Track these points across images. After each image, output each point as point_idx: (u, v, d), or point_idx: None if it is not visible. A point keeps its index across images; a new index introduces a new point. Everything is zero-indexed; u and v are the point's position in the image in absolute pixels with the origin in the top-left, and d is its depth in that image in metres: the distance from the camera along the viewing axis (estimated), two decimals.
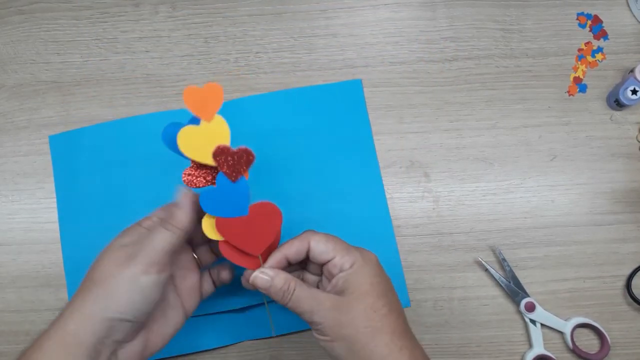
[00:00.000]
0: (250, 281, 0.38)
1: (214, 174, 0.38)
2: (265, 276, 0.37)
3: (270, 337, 0.52)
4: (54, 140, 0.55)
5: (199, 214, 0.38)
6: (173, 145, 0.36)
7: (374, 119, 0.56)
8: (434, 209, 0.55)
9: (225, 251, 0.39)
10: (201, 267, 0.43)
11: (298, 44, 0.58)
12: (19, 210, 0.54)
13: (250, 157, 0.37)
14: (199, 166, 0.37)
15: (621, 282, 0.54)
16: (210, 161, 0.36)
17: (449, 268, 0.54)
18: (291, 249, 0.38)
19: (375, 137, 0.56)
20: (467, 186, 0.55)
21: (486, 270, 0.53)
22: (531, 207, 0.55)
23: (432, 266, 0.53)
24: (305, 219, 0.53)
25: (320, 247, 0.38)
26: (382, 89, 0.57)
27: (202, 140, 0.36)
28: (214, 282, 0.44)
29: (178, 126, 0.36)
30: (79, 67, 0.57)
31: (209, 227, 0.38)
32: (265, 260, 0.39)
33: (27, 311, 0.52)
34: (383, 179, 0.55)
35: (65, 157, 0.55)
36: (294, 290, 0.36)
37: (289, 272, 0.39)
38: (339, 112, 0.56)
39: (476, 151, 0.56)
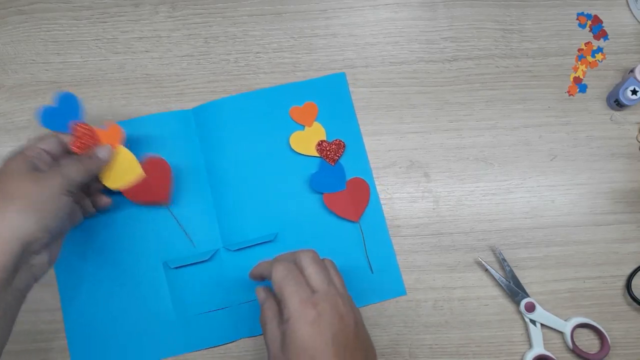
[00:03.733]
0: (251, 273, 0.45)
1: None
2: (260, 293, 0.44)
3: None
4: None
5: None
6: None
7: (374, 119, 0.56)
8: (434, 209, 0.55)
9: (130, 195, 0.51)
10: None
11: (298, 44, 0.58)
12: None
13: (335, 147, 0.54)
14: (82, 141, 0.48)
15: (621, 282, 0.54)
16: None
17: (449, 268, 0.54)
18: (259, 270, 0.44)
19: (375, 137, 0.56)
20: (467, 186, 0.55)
21: (486, 270, 0.53)
22: (531, 207, 0.55)
23: (432, 266, 0.53)
24: (295, 211, 0.54)
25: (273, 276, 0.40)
26: (382, 89, 0.57)
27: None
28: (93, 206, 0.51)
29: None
30: (79, 67, 0.57)
31: (109, 180, 0.49)
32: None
33: (27, 311, 0.52)
34: (383, 179, 0.55)
35: None
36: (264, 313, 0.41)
37: None
38: (325, 106, 0.56)
39: (476, 151, 0.56)
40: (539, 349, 0.51)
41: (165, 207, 0.53)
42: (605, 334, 0.51)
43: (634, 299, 0.52)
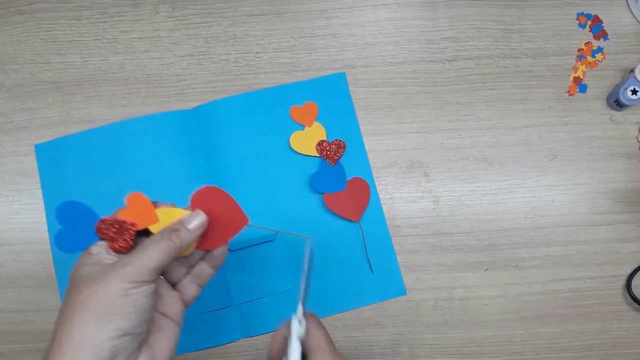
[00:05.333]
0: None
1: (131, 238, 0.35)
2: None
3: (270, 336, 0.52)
4: (39, 149, 0.55)
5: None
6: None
7: (374, 119, 0.56)
8: (434, 209, 0.55)
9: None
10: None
11: (298, 44, 0.58)
12: (19, 210, 0.54)
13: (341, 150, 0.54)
14: (120, 225, 0.35)
15: (621, 282, 0.54)
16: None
17: (449, 268, 0.54)
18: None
19: (375, 137, 0.56)
20: (467, 186, 0.55)
21: (486, 269, 0.53)
22: (531, 207, 0.55)
23: (432, 266, 0.53)
24: (295, 211, 0.54)
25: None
26: (382, 89, 0.57)
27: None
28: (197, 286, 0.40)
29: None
30: (79, 67, 0.57)
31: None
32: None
33: (27, 311, 0.52)
34: (383, 179, 0.55)
35: (52, 165, 0.54)
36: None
37: None
38: (325, 106, 0.56)
39: (476, 151, 0.56)
40: None
41: None
42: None
43: (634, 299, 0.52)
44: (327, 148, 0.54)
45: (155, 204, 0.36)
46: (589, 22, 0.59)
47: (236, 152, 0.54)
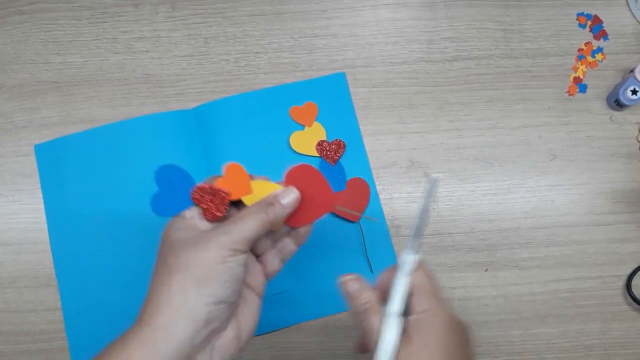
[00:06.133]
0: (339, 281, 0.37)
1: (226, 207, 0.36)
2: (354, 285, 0.36)
3: (271, 336, 0.52)
4: (39, 149, 0.55)
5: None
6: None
7: (374, 119, 0.56)
8: (434, 209, 0.55)
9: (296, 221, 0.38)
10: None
11: (298, 44, 0.58)
12: (19, 210, 0.54)
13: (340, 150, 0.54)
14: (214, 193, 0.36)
15: (621, 282, 0.54)
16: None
17: (449, 268, 0.54)
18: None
19: (375, 137, 0.56)
20: (467, 186, 0.55)
21: (486, 269, 0.53)
22: (531, 207, 0.55)
23: (432, 266, 0.53)
24: None
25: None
26: (382, 89, 0.57)
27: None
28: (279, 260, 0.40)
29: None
30: (79, 67, 0.57)
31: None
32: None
33: (27, 311, 0.52)
34: (383, 179, 0.55)
35: (52, 165, 0.54)
36: (369, 315, 0.34)
37: None
38: (325, 106, 0.56)
39: (476, 151, 0.56)
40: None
41: None
42: None
43: (634, 299, 0.52)
44: (327, 148, 0.54)
45: (250, 177, 0.37)
46: (589, 22, 0.59)
47: (236, 152, 0.54)
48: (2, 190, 0.54)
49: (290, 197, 0.36)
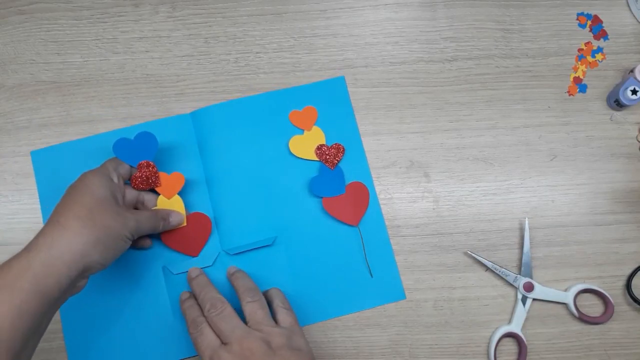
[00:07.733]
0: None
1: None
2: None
3: None
4: (36, 155, 0.55)
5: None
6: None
7: (374, 119, 0.56)
8: (434, 209, 0.55)
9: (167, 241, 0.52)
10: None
11: (298, 44, 0.58)
12: (19, 210, 0.54)
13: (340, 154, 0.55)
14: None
15: (621, 282, 0.54)
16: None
17: (449, 268, 0.54)
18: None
19: (375, 137, 0.56)
20: (467, 186, 0.55)
21: (486, 269, 0.53)
22: (531, 207, 0.55)
23: (432, 266, 0.53)
24: (294, 216, 0.54)
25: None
26: (382, 89, 0.57)
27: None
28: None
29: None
30: (79, 67, 0.57)
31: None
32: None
33: None
34: (383, 179, 0.55)
35: (48, 172, 0.54)
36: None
37: None
38: (325, 110, 0.56)
39: (476, 151, 0.56)
40: (512, 328, 0.51)
41: None
42: (607, 295, 0.52)
43: (634, 299, 0.52)
44: (327, 152, 0.54)
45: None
46: (589, 22, 0.59)
47: (235, 156, 0.54)
48: (2, 190, 0.54)
49: (177, 220, 0.51)
